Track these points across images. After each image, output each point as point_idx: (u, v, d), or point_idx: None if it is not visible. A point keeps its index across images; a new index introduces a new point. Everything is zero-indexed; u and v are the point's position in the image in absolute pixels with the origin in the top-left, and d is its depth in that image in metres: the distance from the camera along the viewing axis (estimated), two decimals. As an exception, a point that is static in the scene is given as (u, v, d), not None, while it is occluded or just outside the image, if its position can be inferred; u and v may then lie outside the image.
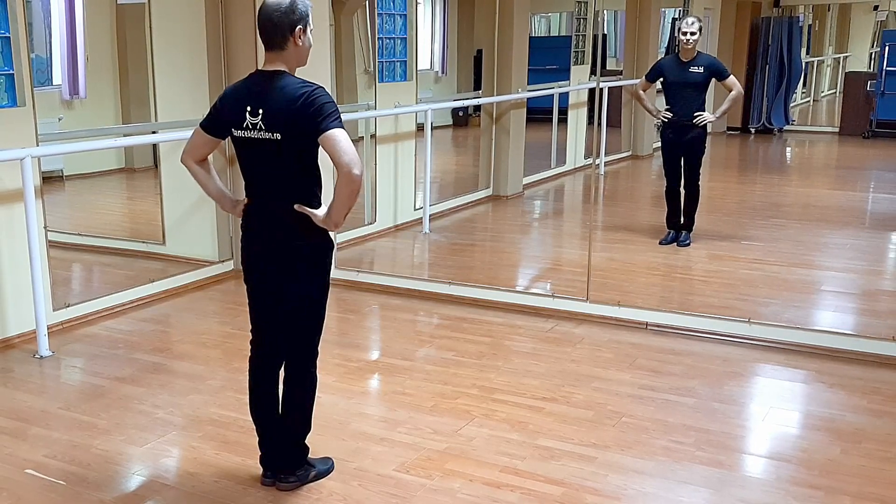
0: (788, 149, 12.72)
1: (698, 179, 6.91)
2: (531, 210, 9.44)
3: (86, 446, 3.78)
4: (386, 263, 7.10)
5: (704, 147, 6.92)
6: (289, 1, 3.15)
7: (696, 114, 6.68)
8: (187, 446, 3.81)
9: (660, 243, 6.98)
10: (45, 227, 5.09)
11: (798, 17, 12.99)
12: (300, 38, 3.19)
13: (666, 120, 6.81)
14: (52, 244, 5.28)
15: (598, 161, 8.92)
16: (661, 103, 6.95)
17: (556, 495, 3.35)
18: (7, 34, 4.79)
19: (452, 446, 3.76)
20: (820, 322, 5.51)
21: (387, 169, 7.53)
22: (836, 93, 10.75)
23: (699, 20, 6.66)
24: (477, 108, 10.28)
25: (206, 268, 6.41)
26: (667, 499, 3.36)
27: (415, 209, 7.82)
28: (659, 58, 10.33)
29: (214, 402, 4.25)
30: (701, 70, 6.67)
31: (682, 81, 6.72)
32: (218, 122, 3.32)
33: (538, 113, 9.61)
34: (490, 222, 8.74)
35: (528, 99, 9.09)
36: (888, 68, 13.20)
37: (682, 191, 6.95)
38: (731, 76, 6.77)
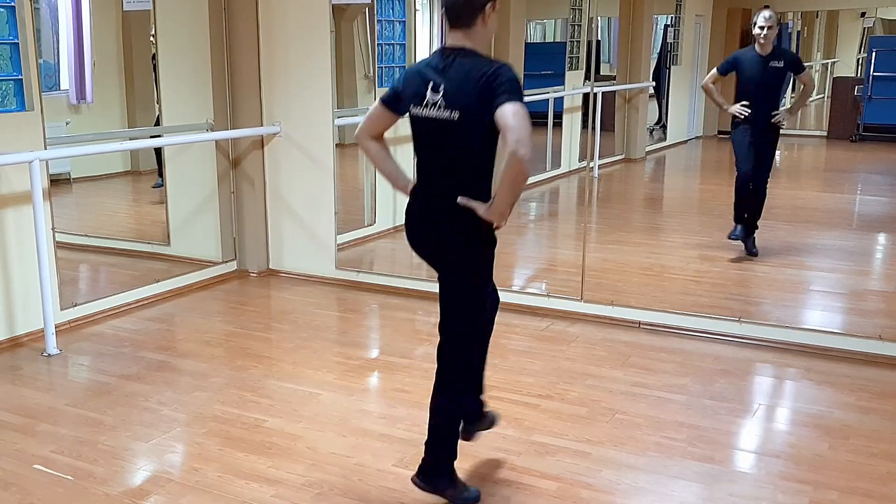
0: (777, 152, 12.72)
1: (767, 179, 6.57)
2: (527, 211, 9.42)
3: (92, 442, 3.78)
4: (385, 264, 7.09)
5: (775, 147, 6.64)
6: None
7: (772, 112, 6.35)
8: (191, 442, 3.81)
9: (729, 237, 6.68)
10: (52, 229, 5.08)
11: (787, 23, 12.98)
12: (490, 16, 2.95)
13: (742, 116, 6.41)
14: (59, 245, 5.27)
15: (592, 164, 8.91)
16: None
17: (552, 490, 3.35)
18: (16, 40, 4.79)
19: (450, 442, 3.76)
20: (808, 321, 5.52)
21: (386, 172, 7.51)
22: (824, 97, 10.73)
23: (774, 13, 6.32)
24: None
25: (210, 268, 6.41)
26: (659, 493, 3.36)
27: (413, 211, 7.80)
28: (652, 63, 10.34)
29: (218, 399, 4.25)
30: (781, 64, 6.31)
31: (760, 77, 6.34)
32: (399, 97, 3.12)
33: (533, 117, 9.47)
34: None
35: (523, 103, 9.07)
36: (875, 73, 13.19)
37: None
38: (808, 70, 6.45)
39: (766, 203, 6.50)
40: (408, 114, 3.09)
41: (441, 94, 2.91)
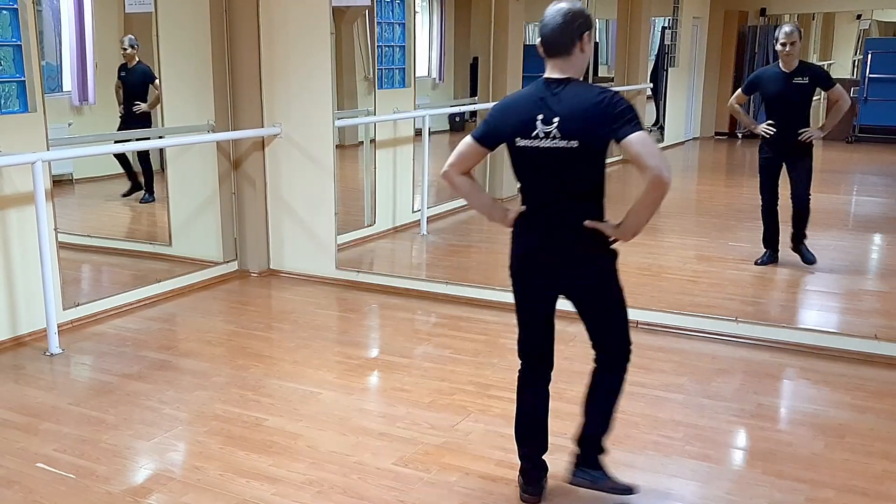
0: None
1: (808, 195, 6.21)
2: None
3: (94, 441, 3.78)
4: (385, 264, 7.10)
5: (811, 159, 6.22)
6: (573, 6, 2.97)
7: (800, 130, 6.03)
8: (193, 441, 3.81)
9: (756, 263, 6.38)
10: (55, 229, 5.08)
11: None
12: (587, 43, 2.98)
13: (769, 135, 6.10)
14: (62, 245, 5.27)
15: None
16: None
17: (550, 488, 3.35)
18: (19, 42, 4.79)
19: (449, 441, 3.76)
20: (805, 321, 5.52)
21: (386, 173, 7.53)
22: (820, 99, 10.77)
23: (797, 28, 5.97)
24: (473, 113, 10.26)
25: (212, 268, 6.41)
26: (657, 492, 3.36)
27: (413, 211, 7.81)
28: (650, 65, 10.34)
29: (219, 398, 4.25)
30: (805, 80, 5.95)
31: (785, 94, 6.00)
32: (496, 133, 3.10)
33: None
34: (486, 224, 8.66)
35: (522, 105, 9.09)
36: (871, 75, 13.24)
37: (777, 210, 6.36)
38: (837, 86, 6.05)
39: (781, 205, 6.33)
40: (511, 147, 3.08)
41: (555, 125, 2.92)
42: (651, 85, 13.15)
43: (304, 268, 6.45)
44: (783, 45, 5.91)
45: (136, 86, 8.20)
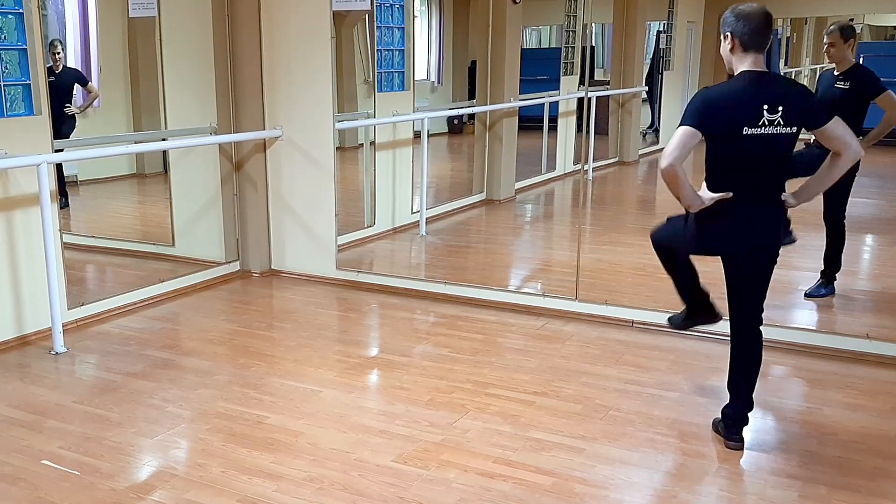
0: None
1: (838, 216, 5.77)
2: (523, 213, 9.44)
3: (99, 438, 3.78)
4: (385, 264, 7.09)
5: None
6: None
7: None
8: (195, 438, 3.81)
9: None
10: (60, 230, 5.08)
11: (777, 30, 12.98)
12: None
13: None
14: (66, 246, 5.27)
15: (586, 167, 8.92)
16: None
17: (547, 485, 3.36)
18: (24, 46, 4.79)
19: (448, 438, 3.76)
20: (798, 320, 5.52)
21: (385, 174, 7.52)
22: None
23: (838, 25, 5.49)
24: (471, 116, 10.26)
25: (214, 268, 6.41)
26: (652, 488, 3.36)
27: (412, 213, 7.81)
28: (645, 68, 10.34)
29: (221, 396, 4.25)
30: (846, 85, 5.40)
31: (826, 96, 5.46)
32: (717, 122, 3.34)
33: (529, 121, 9.61)
34: (483, 225, 8.74)
35: (519, 108, 9.10)
36: (862, 79, 13.21)
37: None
38: (886, 94, 5.32)
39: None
40: (737, 137, 3.33)
41: (780, 114, 3.29)
42: (647, 88, 13.12)
43: (304, 268, 6.45)
44: (824, 44, 5.77)
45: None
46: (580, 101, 9.65)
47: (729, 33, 3.37)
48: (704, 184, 3.49)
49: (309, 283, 6.31)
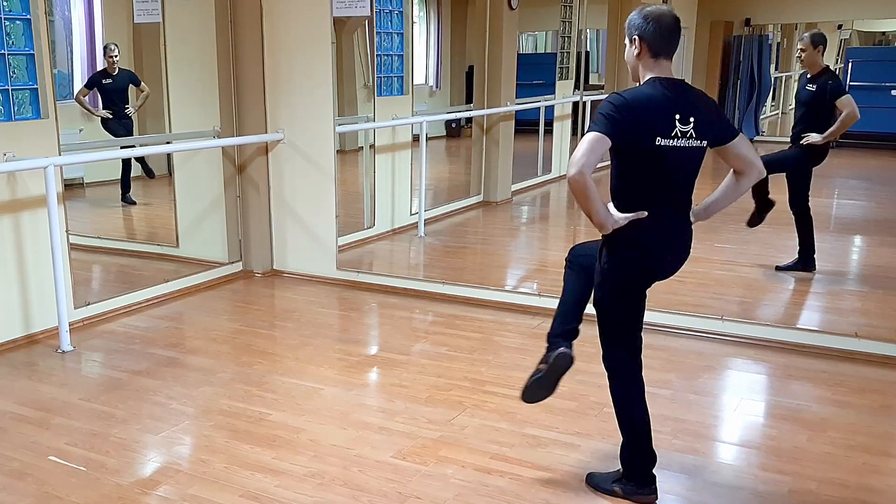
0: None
1: (797, 202, 6.18)
2: (519, 215, 9.44)
3: (105, 435, 3.78)
4: (384, 265, 7.09)
5: (799, 166, 6.10)
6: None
7: (803, 134, 5.98)
8: (199, 435, 3.81)
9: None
10: (66, 231, 5.08)
11: (767, 35, 13.01)
12: None
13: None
14: (73, 247, 5.27)
15: (581, 169, 8.92)
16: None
17: (543, 480, 3.36)
18: (32, 51, 4.79)
19: (446, 435, 3.77)
20: (788, 319, 5.53)
21: (385, 177, 7.53)
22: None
23: (809, 35, 5.98)
24: (469, 120, 10.28)
25: (217, 269, 6.41)
26: (645, 483, 3.36)
27: (411, 214, 7.82)
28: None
29: (224, 393, 4.25)
30: (814, 88, 5.93)
31: (799, 96, 6.23)
32: (630, 131, 2.87)
33: (525, 125, 9.62)
34: (481, 226, 8.74)
35: (516, 112, 9.10)
36: (852, 83, 13.22)
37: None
38: (845, 97, 5.82)
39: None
40: (646, 147, 2.92)
41: (692, 125, 2.90)
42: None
43: (306, 268, 6.45)
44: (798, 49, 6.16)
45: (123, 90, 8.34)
46: (575, 104, 9.66)
47: (637, 37, 2.92)
48: (611, 204, 3.04)
49: (310, 283, 6.31)
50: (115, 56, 8.17)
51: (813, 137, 5.92)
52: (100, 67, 8.66)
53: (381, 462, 3.52)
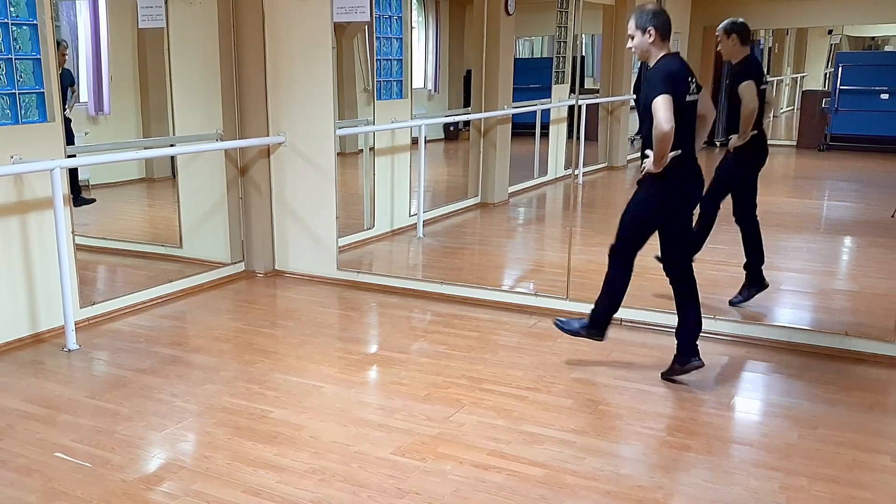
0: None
1: (741, 213, 5.49)
2: (516, 216, 9.44)
3: (110, 431, 3.78)
4: (383, 265, 7.09)
5: (732, 173, 5.43)
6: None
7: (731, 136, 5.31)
8: (202, 432, 3.81)
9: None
10: (72, 232, 5.07)
11: (759, 40, 13.01)
12: None
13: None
14: (79, 247, 5.26)
15: (576, 171, 8.93)
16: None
17: (539, 476, 3.36)
18: (38, 56, 4.78)
19: (444, 432, 3.77)
20: (779, 318, 5.53)
21: (384, 179, 7.53)
22: (793, 109, 10.79)
23: (722, 25, 5.28)
24: (466, 123, 10.27)
25: (220, 269, 6.40)
26: (639, 480, 3.36)
27: (409, 215, 7.81)
28: (633, 77, 10.35)
29: (227, 391, 4.25)
30: (730, 76, 5.45)
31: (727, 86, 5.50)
32: (678, 91, 3.90)
33: (522, 128, 9.62)
34: (478, 227, 8.74)
35: (513, 115, 9.10)
36: (841, 87, 13.22)
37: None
38: (746, 83, 5.12)
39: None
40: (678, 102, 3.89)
41: (695, 84, 4.03)
42: (634, 96, 13.14)
43: (307, 268, 6.45)
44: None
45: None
46: (571, 108, 9.66)
47: (652, 28, 3.97)
48: (649, 150, 4.00)
49: (311, 283, 6.31)
50: (65, 54, 7.87)
51: (733, 139, 5.26)
52: (104, 71, 8.67)
53: (380, 458, 3.52)
